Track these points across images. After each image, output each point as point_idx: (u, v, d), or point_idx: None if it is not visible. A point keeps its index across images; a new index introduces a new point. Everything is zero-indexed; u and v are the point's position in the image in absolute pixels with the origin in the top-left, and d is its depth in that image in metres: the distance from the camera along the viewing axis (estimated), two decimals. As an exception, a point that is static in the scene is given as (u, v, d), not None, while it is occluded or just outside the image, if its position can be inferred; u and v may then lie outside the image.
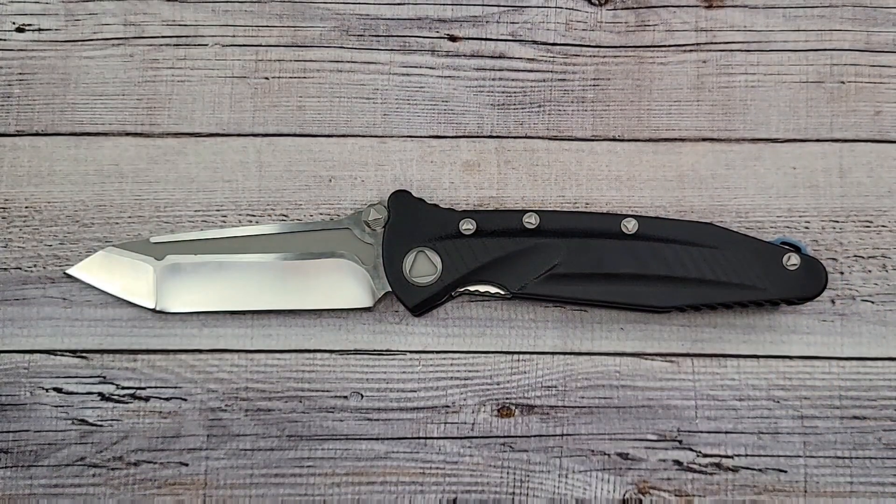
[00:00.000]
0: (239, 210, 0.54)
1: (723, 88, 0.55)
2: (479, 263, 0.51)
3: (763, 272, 0.51)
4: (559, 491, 0.52)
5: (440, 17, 0.55)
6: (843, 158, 0.54)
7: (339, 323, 0.53)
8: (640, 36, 0.55)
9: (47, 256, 0.53)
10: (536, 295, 0.51)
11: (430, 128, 0.55)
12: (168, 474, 0.51)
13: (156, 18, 0.55)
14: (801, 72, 0.55)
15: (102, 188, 0.54)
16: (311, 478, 0.52)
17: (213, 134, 0.54)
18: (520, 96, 0.55)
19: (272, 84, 0.55)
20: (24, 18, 0.55)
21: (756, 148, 0.54)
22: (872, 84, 0.55)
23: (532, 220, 0.51)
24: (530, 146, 0.54)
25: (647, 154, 0.54)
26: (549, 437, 0.52)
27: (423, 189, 0.54)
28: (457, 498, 0.52)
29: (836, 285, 0.53)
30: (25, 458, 0.51)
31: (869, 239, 0.53)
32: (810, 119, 0.55)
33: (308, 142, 0.54)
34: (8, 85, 0.54)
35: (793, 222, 0.54)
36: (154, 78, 0.55)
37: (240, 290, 0.52)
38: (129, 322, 0.52)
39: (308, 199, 0.54)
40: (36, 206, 0.53)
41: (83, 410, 0.52)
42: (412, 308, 0.51)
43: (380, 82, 0.55)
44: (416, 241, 0.51)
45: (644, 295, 0.51)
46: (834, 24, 0.55)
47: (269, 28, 0.55)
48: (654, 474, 0.52)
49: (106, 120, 0.54)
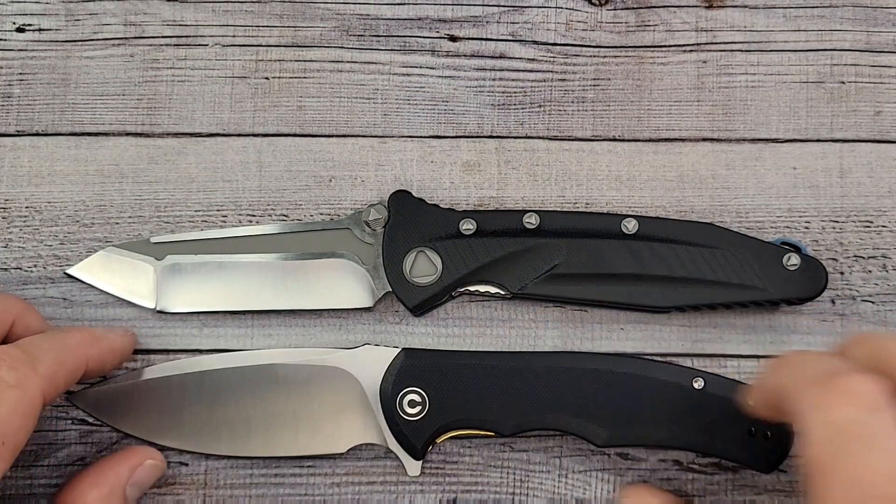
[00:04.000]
0: (239, 210, 0.54)
1: (723, 88, 0.55)
2: (479, 263, 0.51)
3: (763, 272, 0.51)
4: (559, 491, 0.52)
5: (440, 17, 0.55)
6: (844, 158, 0.54)
7: (339, 323, 0.53)
8: (640, 36, 0.55)
9: (47, 256, 0.53)
10: (536, 295, 0.51)
11: (430, 128, 0.55)
12: (168, 474, 0.51)
13: (156, 18, 0.55)
14: (801, 72, 0.55)
15: (103, 188, 0.54)
16: (311, 478, 0.52)
17: (214, 134, 0.54)
18: (520, 96, 0.55)
19: (272, 84, 0.55)
20: (25, 18, 0.55)
21: (756, 148, 0.54)
22: (872, 84, 0.55)
23: (532, 220, 0.51)
24: (530, 146, 0.54)
25: (647, 154, 0.54)
26: (549, 436, 0.52)
27: (423, 189, 0.54)
28: (457, 498, 0.52)
29: (836, 285, 0.53)
30: (25, 458, 0.51)
31: (869, 239, 0.53)
32: (810, 119, 0.55)
33: (308, 142, 0.54)
34: (8, 85, 0.54)
35: (793, 222, 0.54)
36: (154, 78, 0.55)
37: (240, 290, 0.52)
38: (130, 322, 0.52)
39: (308, 199, 0.54)
40: (36, 206, 0.53)
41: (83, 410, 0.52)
42: (412, 308, 0.51)
43: (380, 82, 0.55)
44: (416, 242, 0.51)
45: (644, 295, 0.51)
46: (834, 24, 0.55)
47: (269, 28, 0.55)
48: (654, 474, 0.52)
49: (106, 120, 0.54)
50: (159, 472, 0.50)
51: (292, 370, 0.50)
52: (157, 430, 0.50)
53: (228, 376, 0.50)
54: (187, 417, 0.50)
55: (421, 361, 0.50)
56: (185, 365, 0.51)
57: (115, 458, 0.48)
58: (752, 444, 0.48)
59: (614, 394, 0.49)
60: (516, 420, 0.49)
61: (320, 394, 0.50)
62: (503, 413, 0.49)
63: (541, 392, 0.49)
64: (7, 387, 0.42)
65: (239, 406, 0.50)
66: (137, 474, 0.48)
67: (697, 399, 0.49)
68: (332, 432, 0.50)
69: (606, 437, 0.49)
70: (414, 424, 0.49)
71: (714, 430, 0.48)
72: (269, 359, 0.51)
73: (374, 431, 0.50)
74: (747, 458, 0.48)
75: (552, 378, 0.49)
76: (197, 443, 0.50)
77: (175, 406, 0.50)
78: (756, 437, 0.48)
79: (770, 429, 0.48)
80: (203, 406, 0.50)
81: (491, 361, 0.50)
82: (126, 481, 0.48)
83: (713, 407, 0.48)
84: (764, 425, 0.48)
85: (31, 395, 0.42)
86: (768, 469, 0.48)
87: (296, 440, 0.50)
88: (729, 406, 0.48)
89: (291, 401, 0.50)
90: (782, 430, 0.48)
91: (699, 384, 0.49)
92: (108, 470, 0.48)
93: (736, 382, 0.49)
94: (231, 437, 0.50)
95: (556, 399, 0.49)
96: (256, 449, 0.50)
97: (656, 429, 0.49)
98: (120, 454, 0.49)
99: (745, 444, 0.48)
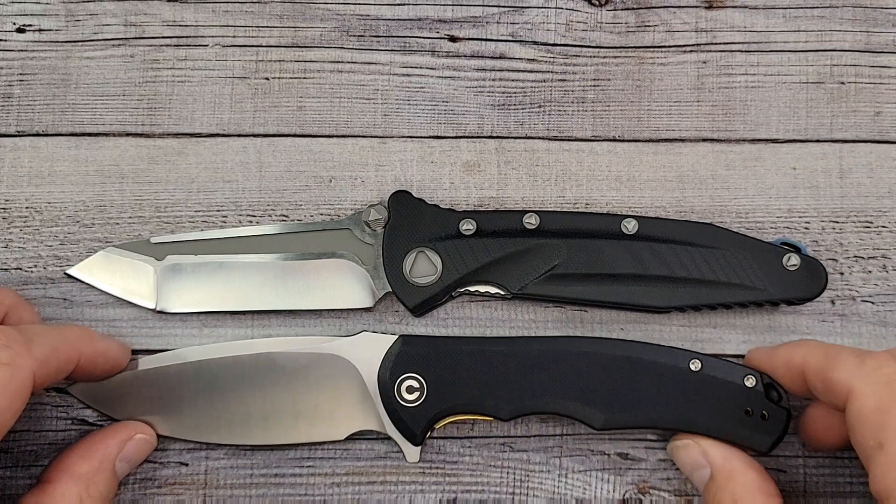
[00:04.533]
0: (239, 210, 0.54)
1: (723, 89, 0.55)
2: (479, 264, 0.51)
3: (763, 272, 0.51)
4: (559, 491, 0.52)
5: (440, 18, 0.55)
6: (843, 159, 0.54)
7: (339, 323, 0.53)
8: (640, 36, 0.55)
9: (48, 257, 0.53)
10: (536, 295, 0.51)
11: (430, 128, 0.55)
12: (168, 474, 0.51)
13: (156, 19, 0.55)
14: (801, 72, 0.55)
15: (103, 188, 0.54)
16: (310, 478, 0.52)
17: (214, 134, 0.54)
18: (520, 97, 0.55)
19: (272, 84, 0.55)
20: (25, 19, 0.55)
21: (756, 148, 0.54)
22: (872, 84, 0.55)
23: (532, 221, 0.51)
24: (530, 146, 0.54)
25: (647, 154, 0.54)
26: (549, 436, 0.52)
27: (423, 189, 0.54)
28: (457, 498, 0.52)
29: (835, 286, 0.53)
30: (25, 458, 0.51)
31: (869, 239, 0.53)
32: (810, 119, 0.55)
33: (308, 142, 0.54)
34: (8, 85, 0.54)
35: (793, 223, 0.54)
36: (154, 78, 0.55)
37: (240, 290, 0.52)
38: (130, 322, 0.52)
39: (308, 199, 0.54)
40: (36, 206, 0.53)
41: (83, 410, 0.52)
42: (412, 308, 0.51)
43: (380, 83, 0.55)
44: (416, 242, 0.51)
45: (644, 295, 0.51)
46: (834, 24, 0.55)
47: (269, 28, 0.55)
48: (654, 474, 0.52)
49: (106, 120, 0.54)
50: (149, 448, 0.49)
51: (290, 359, 0.50)
52: (157, 421, 0.50)
53: (227, 366, 0.50)
54: (186, 407, 0.50)
55: (418, 348, 0.50)
56: (184, 355, 0.51)
57: (104, 432, 0.48)
58: (750, 423, 0.48)
59: (611, 377, 0.49)
60: (514, 404, 0.49)
61: (318, 381, 0.50)
62: (501, 397, 0.49)
63: (538, 376, 0.49)
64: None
65: (238, 395, 0.50)
66: (127, 449, 0.48)
67: (694, 380, 0.49)
68: (330, 420, 0.50)
69: (604, 420, 0.49)
70: (412, 410, 0.49)
71: (711, 411, 0.48)
72: (267, 347, 0.51)
73: (373, 418, 0.50)
74: (745, 438, 0.48)
75: (549, 362, 0.49)
76: (196, 432, 0.50)
77: (174, 396, 0.50)
78: (753, 417, 0.48)
79: (767, 409, 0.48)
80: (202, 396, 0.50)
81: (488, 347, 0.50)
82: (115, 455, 0.47)
83: (710, 388, 0.49)
84: (760, 405, 0.48)
85: (22, 375, 0.42)
86: (766, 449, 0.48)
87: (295, 428, 0.50)
88: (726, 387, 0.49)
89: (290, 389, 0.50)
90: (779, 410, 0.48)
91: (696, 366, 0.49)
92: (98, 444, 0.47)
93: (732, 364, 0.49)
94: (230, 426, 0.50)
95: (553, 383, 0.49)
96: (256, 437, 0.50)
97: (654, 411, 0.49)
98: (110, 428, 0.49)
99: (743, 425, 0.48)
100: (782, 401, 0.48)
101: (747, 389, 0.48)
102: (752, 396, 0.48)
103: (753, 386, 0.48)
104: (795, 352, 0.47)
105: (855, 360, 0.44)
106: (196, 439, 0.51)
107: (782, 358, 0.48)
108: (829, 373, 0.45)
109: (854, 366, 0.44)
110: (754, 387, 0.48)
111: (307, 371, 0.50)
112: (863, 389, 0.43)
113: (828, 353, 0.46)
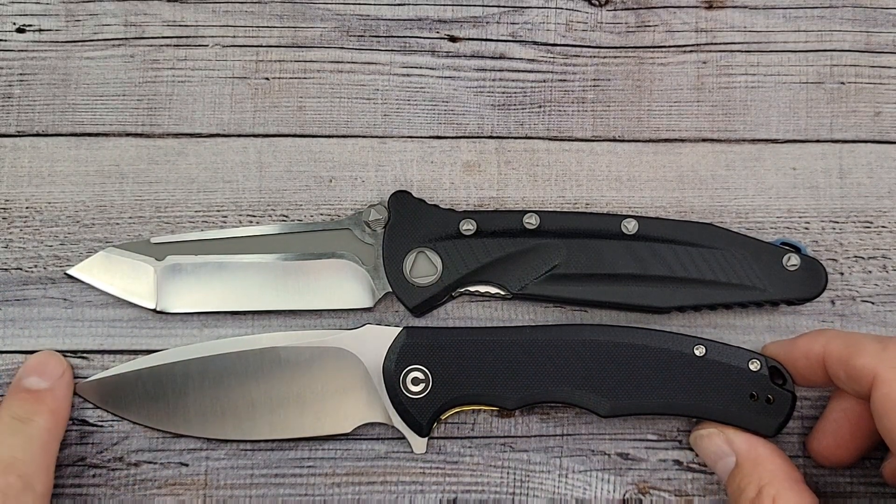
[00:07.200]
0: (239, 210, 0.54)
1: (723, 89, 0.55)
2: (479, 264, 0.51)
3: (763, 273, 0.51)
4: (559, 491, 0.52)
5: (440, 18, 0.55)
6: (843, 159, 0.54)
7: (339, 323, 0.53)
8: (640, 36, 0.55)
9: (48, 257, 0.53)
10: (536, 295, 0.51)
11: (430, 128, 0.55)
12: (168, 474, 0.51)
13: (156, 19, 0.55)
14: (801, 72, 0.55)
15: (103, 189, 0.54)
16: (311, 478, 0.52)
17: (214, 134, 0.54)
18: (520, 97, 0.55)
19: (272, 84, 0.55)
20: (25, 19, 0.55)
21: (756, 149, 0.54)
22: (872, 85, 0.55)
23: (532, 221, 0.51)
24: (530, 146, 0.54)
25: (647, 155, 0.54)
26: (550, 437, 0.52)
27: (423, 189, 0.54)
28: (457, 498, 0.52)
29: (835, 286, 0.53)
30: (26, 459, 0.51)
31: (869, 239, 0.53)
32: (810, 120, 0.55)
33: (308, 142, 0.54)
34: (8, 85, 0.54)
35: (793, 223, 0.54)
36: (154, 78, 0.55)
37: (240, 290, 0.52)
38: (130, 322, 0.53)
39: (308, 199, 0.54)
40: (36, 206, 0.53)
41: (83, 411, 0.52)
42: (412, 308, 0.51)
43: (380, 83, 0.55)
44: (416, 242, 0.51)
45: (644, 295, 0.51)
46: (834, 24, 0.55)
47: (269, 28, 0.55)
48: (654, 474, 0.52)
49: (106, 120, 0.54)
50: (54, 358, 0.51)
51: (294, 352, 0.50)
52: (162, 418, 0.50)
53: (231, 361, 0.50)
54: (192, 403, 0.50)
55: (423, 339, 0.50)
56: (188, 351, 0.51)
57: None
58: (755, 408, 0.48)
59: (617, 364, 0.49)
60: (520, 393, 0.49)
61: (323, 375, 0.50)
62: (506, 387, 0.49)
63: (543, 365, 0.49)
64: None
65: (243, 390, 0.50)
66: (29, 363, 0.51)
67: (699, 366, 0.49)
68: (336, 412, 0.50)
69: (610, 408, 0.49)
70: (418, 402, 0.49)
71: (717, 396, 0.49)
72: (271, 342, 0.51)
73: (379, 410, 0.50)
74: (750, 422, 0.48)
75: (554, 351, 0.49)
76: (202, 428, 0.50)
77: (179, 392, 0.50)
78: (758, 401, 0.48)
79: (772, 392, 0.48)
80: (207, 391, 0.50)
81: (493, 337, 0.50)
82: None
83: (715, 373, 0.49)
84: (766, 389, 0.49)
85: None
86: (772, 433, 0.49)
87: (301, 421, 0.50)
88: (730, 371, 0.49)
89: (295, 383, 0.50)
90: (784, 393, 0.49)
91: (700, 351, 0.49)
92: None
93: (736, 348, 0.49)
94: (236, 422, 0.50)
95: (558, 371, 0.49)
96: (262, 432, 0.50)
97: (660, 396, 0.49)
98: None
99: (748, 409, 0.48)
100: (787, 384, 0.49)
101: (752, 373, 0.49)
102: (757, 380, 0.49)
103: (758, 370, 0.49)
104: (815, 342, 0.47)
105: (878, 346, 0.45)
106: (202, 435, 0.51)
107: (802, 349, 0.48)
108: (852, 360, 0.45)
109: (877, 352, 0.44)
110: (759, 371, 0.49)
111: (312, 364, 0.50)
112: (888, 375, 0.44)
113: (848, 340, 0.46)
